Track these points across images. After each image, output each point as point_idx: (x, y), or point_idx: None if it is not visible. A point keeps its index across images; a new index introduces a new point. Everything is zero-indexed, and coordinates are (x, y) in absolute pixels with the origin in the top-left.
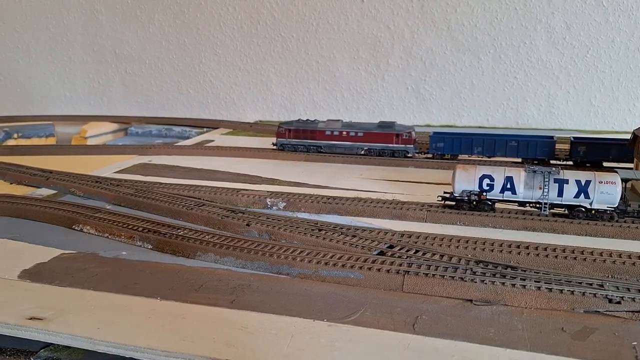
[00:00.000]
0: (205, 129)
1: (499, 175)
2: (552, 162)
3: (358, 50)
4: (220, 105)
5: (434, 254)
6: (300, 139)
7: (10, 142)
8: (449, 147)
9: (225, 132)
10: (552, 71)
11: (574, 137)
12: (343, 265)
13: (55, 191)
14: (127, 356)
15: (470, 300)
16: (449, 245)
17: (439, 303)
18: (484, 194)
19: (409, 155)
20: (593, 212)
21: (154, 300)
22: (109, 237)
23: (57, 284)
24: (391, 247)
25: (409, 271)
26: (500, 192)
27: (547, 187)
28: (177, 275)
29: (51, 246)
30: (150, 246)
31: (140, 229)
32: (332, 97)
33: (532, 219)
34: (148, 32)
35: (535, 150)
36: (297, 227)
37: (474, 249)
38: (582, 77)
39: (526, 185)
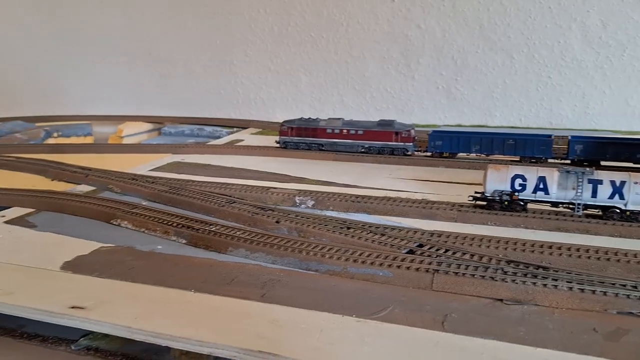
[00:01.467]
0: (235, 129)
1: (531, 175)
2: (549, 160)
3: (388, 50)
4: (250, 106)
5: (464, 254)
6: (302, 136)
7: (51, 141)
8: (447, 145)
9: (255, 131)
10: (587, 71)
11: (571, 136)
12: (372, 263)
13: (94, 188)
14: (163, 345)
15: (501, 300)
16: (480, 245)
17: (469, 302)
18: (516, 194)
19: (408, 153)
20: (628, 213)
21: (188, 293)
22: (145, 231)
23: (97, 275)
24: (421, 245)
25: (438, 270)
26: (532, 192)
27: (580, 188)
28: (210, 269)
29: (91, 240)
30: (184, 241)
31: (175, 224)
32: (362, 97)
33: (565, 220)
34: (181, 35)
35: (533, 149)
36: (325, 225)
37: (505, 248)
38: (618, 77)
39: (559, 186)
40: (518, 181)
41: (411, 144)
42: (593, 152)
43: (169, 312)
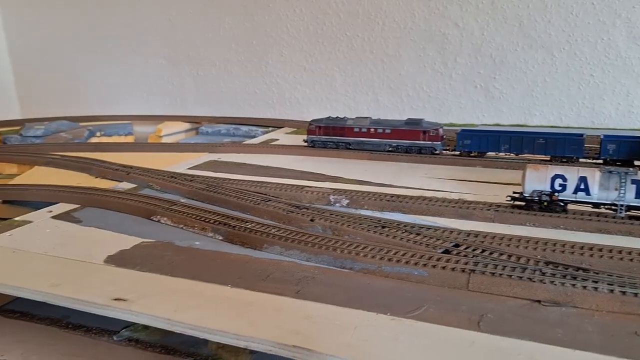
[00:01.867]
0: (270, 128)
1: (572, 175)
2: (581, 160)
3: (424, 48)
4: (285, 105)
5: (502, 254)
6: (330, 135)
7: (94, 140)
8: (476, 144)
9: (290, 131)
10: (632, 68)
11: (604, 135)
12: (407, 262)
13: (135, 185)
14: (200, 337)
15: (538, 301)
16: (518, 246)
17: (506, 303)
18: (556, 194)
19: (436, 152)
20: None
21: (224, 287)
22: (184, 228)
23: (138, 269)
24: (457, 245)
25: (474, 270)
26: (573, 193)
27: (623, 189)
28: (246, 265)
29: (132, 235)
30: (221, 237)
31: (212, 221)
32: (397, 96)
33: (607, 221)
34: (218, 36)
35: (564, 148)
36: (360, 224)
37: (544, 250)
38: None
39: (601, 186)
40: (558, 181)
41: (439, 142)
42: (627, 151)
43: (207, 306)
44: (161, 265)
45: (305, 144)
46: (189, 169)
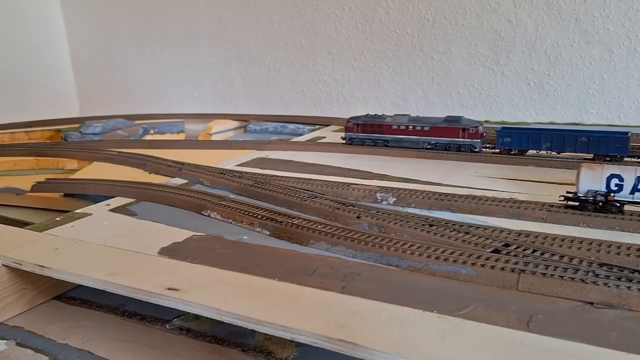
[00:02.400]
0: (317, 126)
1: (629, 175)
2: (625, 159)
3: (476, 45)
4: (333, 103)
5: (553, 254)
6: (368, 133)
7: (148, 137)
8: (516, 142)
9: (337, 129)
10: None
11: None
12: (455, 261)
13: (187, 181)
14: (249, 328)
15: (591, 303)
16: (570, 247)
17: (556, 304)
18: (612, 194)
19: (476, 149)
20: None
21: (272, 281)
22: (233, 222)
23: (190, 261)
24: (507, 245)
25: (525, 270)
26: (630, 194)
27: None
28: (292, 260)
29: (184, 228)
30: (268, 232)
31: (260, 216)
32: (447, 93)
33: None
34: (268, 35)
35: (607, 147)
36: (407, 222)
37: (598, 251)
38: None
39: None
40: (614, 181)
41: (479, 140)
42: None
43: (255, 298)
44: (211, 257)
45: (343, 141)
46: (237, 165)
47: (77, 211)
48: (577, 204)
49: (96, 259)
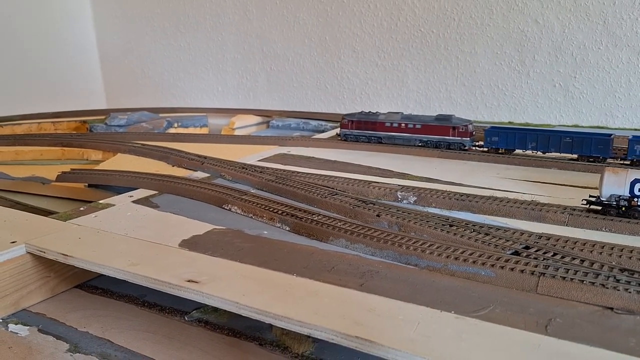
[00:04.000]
0: (339, 123)
1: None
2: (608, 160)
3: (502, 46)
4: (356, 101)
5: (574, 258)
6: (362, 130)
7: (172, 130)
8: (503, 141)
9: None
10: None
11: (632, 136)
12: (474, 262)
13: (209, 174)
14: (266, 322)
15: (611, 309)
16: (591, 251)
17: (575, 308)
18: (635, 199)
19: (465, 147)
20: None
21: (290, 276)
22: (253, 217)
23: (210, 254)
24: (527, 247)
25: (544, 273)
26: None
27: None
28: (311, 256)
29: (205, 221)
30: (287, 228)
31: (280, 212)
32: (471, 93)
33: None
34: (292, 31)
35: (590, 148)
36: (427, 221)
37: (619, 256)
38: None
39: None
40: (638, 186)
41: (468, 139)
42: None
43: (273, 293)
44: (231, 251)
45: (339, 137)
46: (259, 160)
47: (100, 202)
48: (599, 208)
49: (118, 249)
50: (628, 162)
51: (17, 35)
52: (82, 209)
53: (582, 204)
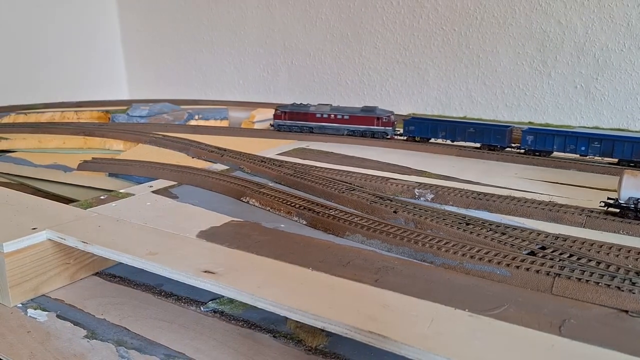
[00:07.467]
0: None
1: None
2: (507, 149)
3: (524, 46)
4: (376, 97)
5: (590, 260)
6: (295, 120)
7: (192, 122)
8: (418, 130)
9: None
10: None
11: (527, 127)
12: (489, 261)
13: (228, 167)
14: (281, 314)
15: (626, 311)
16: (608, 253)
17: (590, 310)
18: None
19: (388, 136)
20: None
21: (306, 270)
22: (270, 210)
23: (227, 245)
24: (543, 248)
25: (560, 274)
26: None
27: None
28: (327, 250)
29: (223, 213)
30: (304, 222)
31: (297, 206)
32: (491, 92)
33: None
34: (315, 26)
35: (490, 137)
36: (444, 219)
37: (636, 259)
38: None
39: None
40: None
41: (390, 128)
42: (542, 143)
43: (288, 286)
44: (248, 243)
45: (272, 128)
46: (278, 154)
47: (120, 191)
48: (617, 210)
49: (137, 238)
50: (522, 151)
51: (43, 26)
52: (102, 197)
53: (600, 206)
